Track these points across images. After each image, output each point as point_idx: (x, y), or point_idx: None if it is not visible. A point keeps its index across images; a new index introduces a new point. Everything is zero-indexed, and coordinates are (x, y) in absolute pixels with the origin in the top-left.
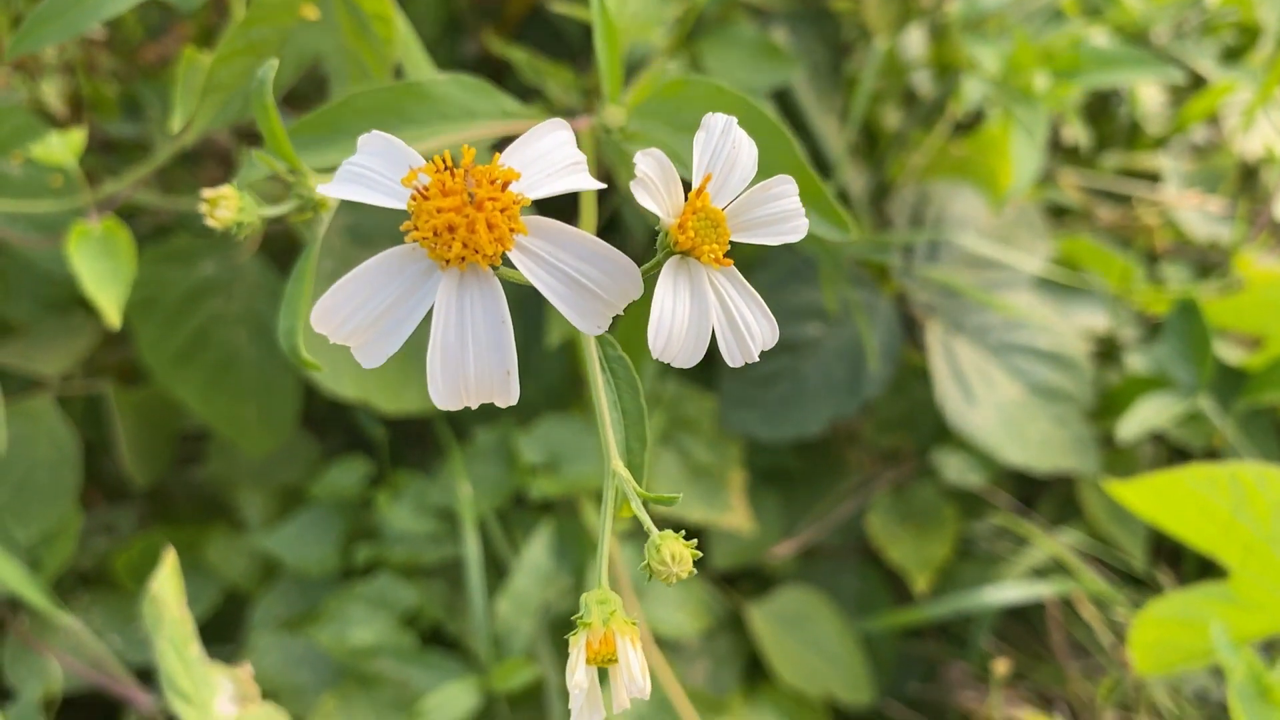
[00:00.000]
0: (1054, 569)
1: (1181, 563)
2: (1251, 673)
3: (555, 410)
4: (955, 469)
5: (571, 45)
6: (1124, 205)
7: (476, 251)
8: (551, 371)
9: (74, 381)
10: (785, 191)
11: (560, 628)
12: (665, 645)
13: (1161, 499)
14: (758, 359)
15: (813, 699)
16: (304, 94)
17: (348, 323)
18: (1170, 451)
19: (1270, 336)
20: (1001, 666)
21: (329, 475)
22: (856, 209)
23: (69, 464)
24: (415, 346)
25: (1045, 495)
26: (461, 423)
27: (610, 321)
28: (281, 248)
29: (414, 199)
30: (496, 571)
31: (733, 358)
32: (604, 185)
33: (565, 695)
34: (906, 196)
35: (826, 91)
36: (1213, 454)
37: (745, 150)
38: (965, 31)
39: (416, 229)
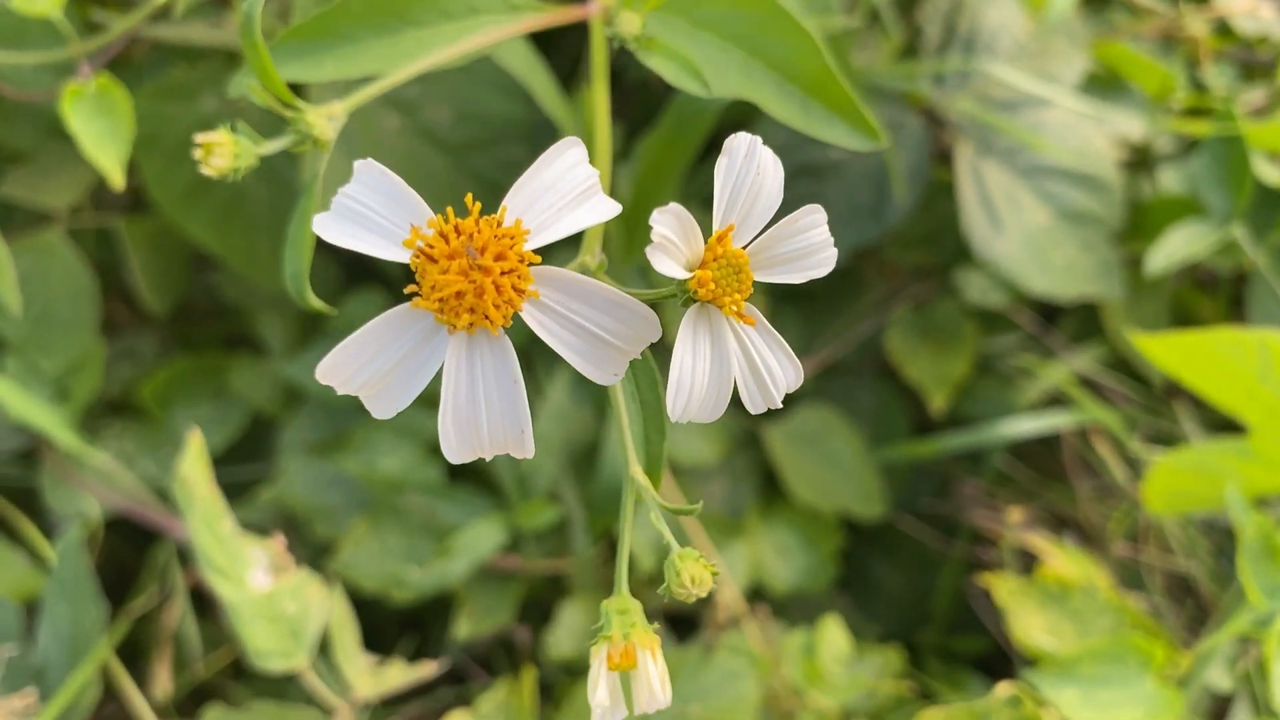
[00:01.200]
0: (1068, 386)
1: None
2: (1261, 533)
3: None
4: (977, 288)
5: None
6: (1169, 6)
7: (486, 317)
8: None
9: (83, 214)
10: (813, 222)
11: (579, 461)
12: (683, 471)
13: (1186, 357)
14: (780, 405)
15: (826, 515)
16: None
17: (354, 379)
18: (1197, 274)
19: None
20: (1016, 515)
21: (346, 308)
22: (884, 19)
23: (85, 295)
24: (428, 179)
25: (1067, 313)
26: None
27: (625, 369)
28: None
29: (418, 257)
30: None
31: (754, 405)
32: (619, 209)
33: (586, 531)
34: (939, 3)
35: None
36: (1241, 279)
37: (770, 175)
38: None
39: (421, 294)
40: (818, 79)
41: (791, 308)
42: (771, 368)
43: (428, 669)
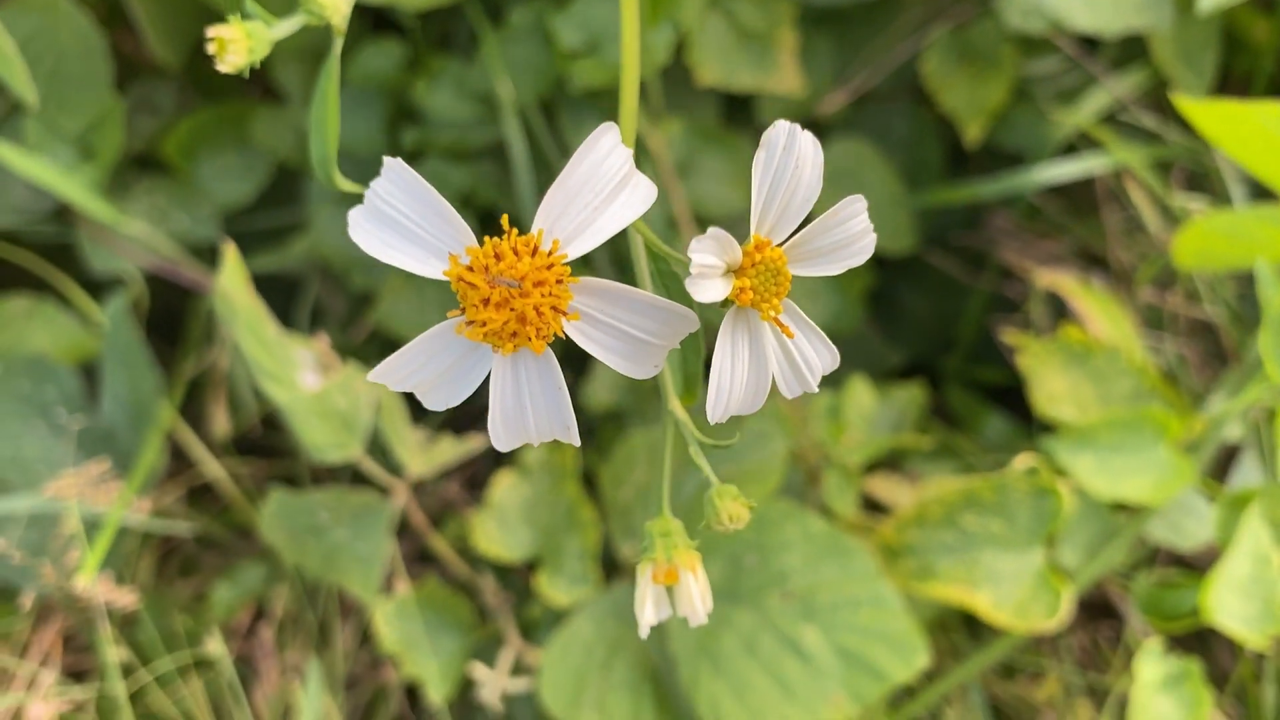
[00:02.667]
0: (1110, 123)
1: None
2: None
3: None
4: (1018, 12)
5: None
6: None
7: (529, 339)
8: None
9: None
10: (853, 212)
11: None
12: (711, 223)
13: (1232, 126)
14: (816, 390)
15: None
16: None
17: (405, 383)
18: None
19: None
20: (1044, 278)
21: (361, 58)
22: None
23: (95, 51)
24: None
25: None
26: (496, 2)
27: (664, 359)
28: None
29: (460, 281)
30: (542, 164)
31: (790, 391)
32: (654, 192)
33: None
34: None
35: None
36: None
37: (809, 167)
38: None
39: (466, 320)
40: None
41: (824, 33)
42: (809, 358)
43: (476, 442)
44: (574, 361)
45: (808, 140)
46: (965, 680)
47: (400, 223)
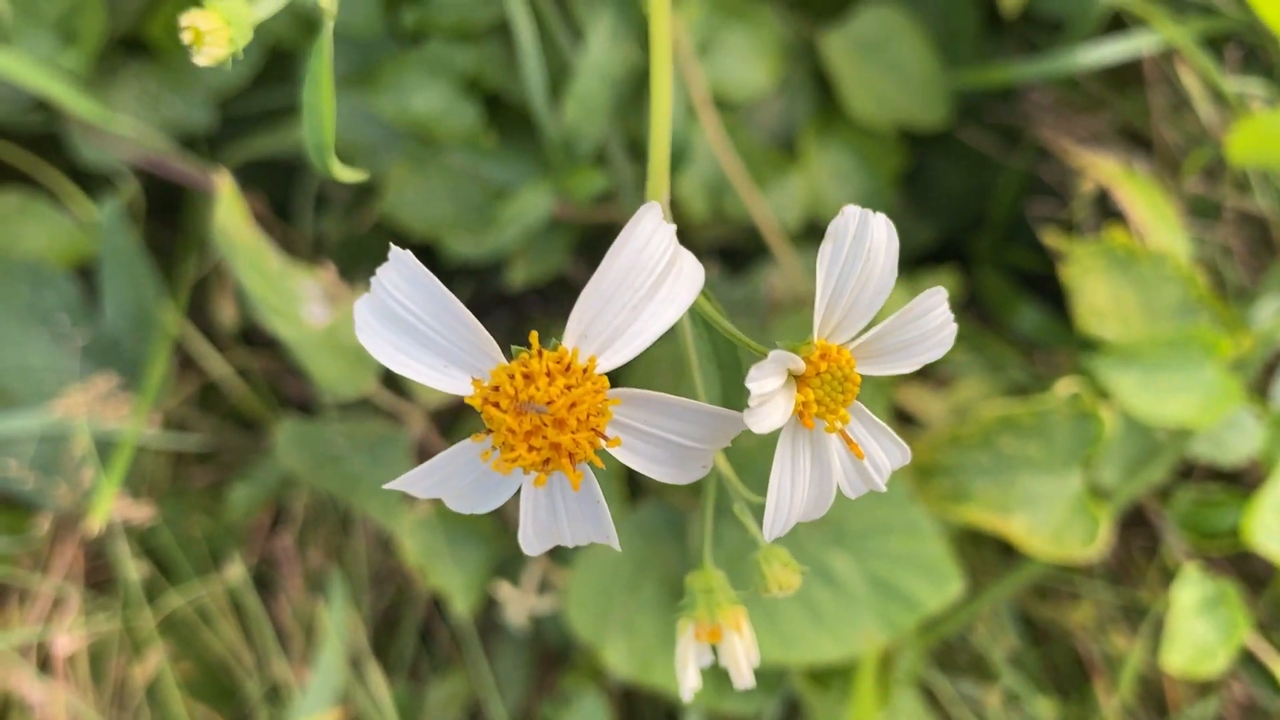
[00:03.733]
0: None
1: None
2: None
3: None
4: None
5: None
6: None
7: (564, 467)
8: None
9: None
10: (933, 305)
11: (625, 105)
12: (732, 106)
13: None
14: (884, 490)
15: (886, 131)
16: None
17: (432, 492)
18: None
19: None
20: (1089, 183)
21: None
22: None
23: None
24: None
25: None
26: None
27: (711, 462)
28: None
29: (485, 402)
30: (550, 45)
31: (855, 491)
32: (702, 277)
33: (637, 193)
34: None
35: None
36: None
37: (883, 255)
38: None
39: (493, 447)
40: None
41: None
42: (877, 460)
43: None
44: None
45: (881, 225)
46: (996, 602)
47: (413, 325)
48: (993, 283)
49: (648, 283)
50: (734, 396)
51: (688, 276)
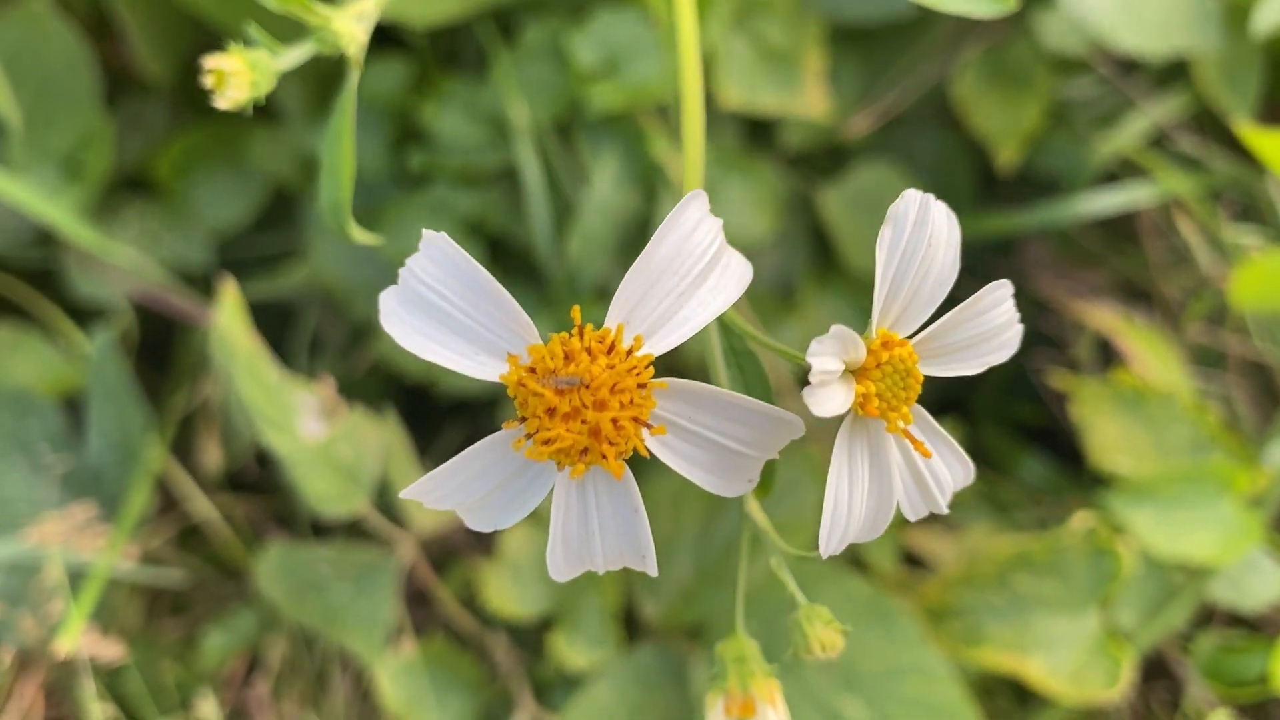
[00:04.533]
0: (1151, 150)
1: None
2: None
3: (610, 1)
4: (1055, 32)
5: None
6: None
7: (604, 459)
8: None
9: None
10: (997, 300)
11: (627, 248)
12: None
13: None
14: (947, 511)
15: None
16: None
17: (445, 501)
18: None
19: None
20: (1099, 314)
21: (366, 77)
22: None
23: (82, 64)
24: None
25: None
26: (508, 20)
27: (759, 473)
28: None
29: (520, 387)
30: (556, 191)
31: (915, 513)
32: (750, 272)
33: None
34: None
35: None
36: None
37: (944, 244)
38: None
39: (526, 434)
40: None
41: (850, 54)
42: (939, 474)
43: None
44: None
45: (941, 212)
46: None
47: (443, 310)
48: (995, 437)
49: (695, 270)
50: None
51: (735, 271)
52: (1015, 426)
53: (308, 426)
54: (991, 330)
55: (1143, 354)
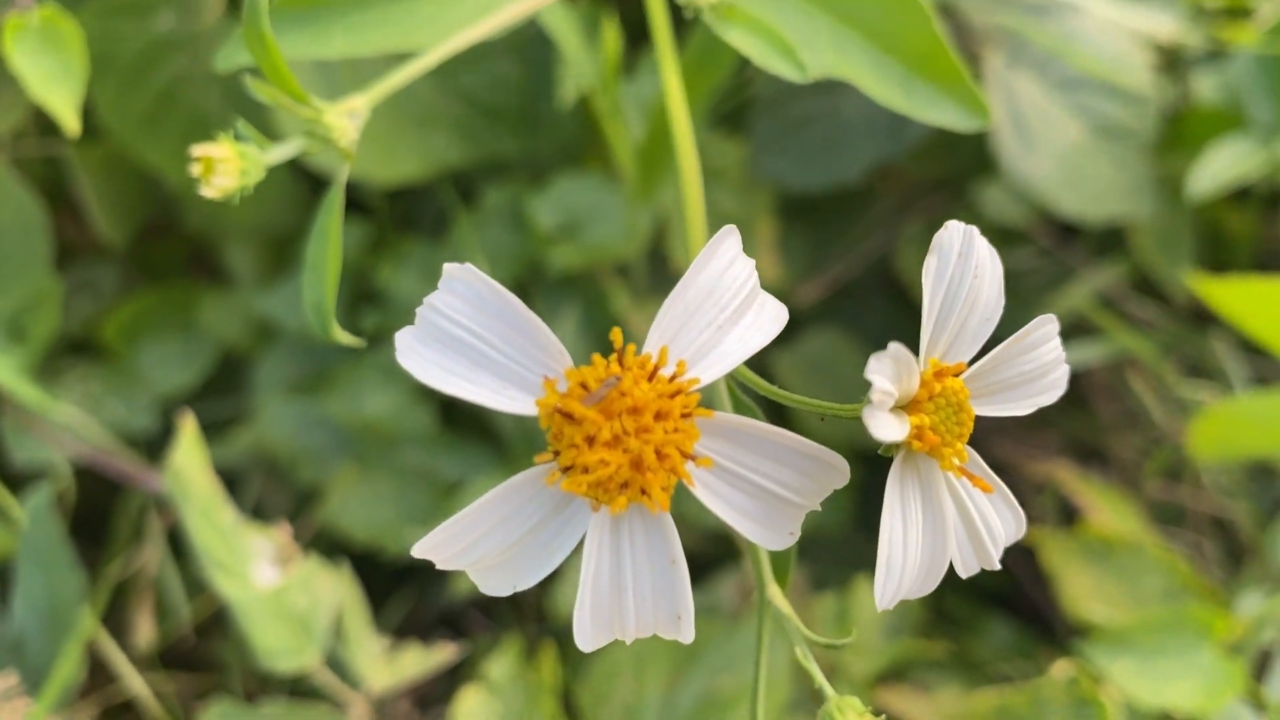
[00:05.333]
0: (1093, 312)
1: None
2: None
3: (570, 165)
4: (996, 202)
5: None
6: None
7: (644, 493)
8: (564, 123)
9: (28, 140)
10: (1045, 336)
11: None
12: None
13: (1258, 303)
14: (998, 566)
15: (836, 446)
16: None
17: (465, 556)
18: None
19: None
20: (1063, 471)
21: None
22: None
23: (36, 228)
24: (412, 104)
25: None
26: (467, 180)
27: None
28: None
29: (556, 414)
30: None
31: (968, 569)
32: (785, 313)
33: None
34: None
35: None
36: (1277, 195)
37: (989, 276)
38: None
39: (560, 468)
40: (923, 50)
41: (800, 224)
42: (991, 523)
43: (446, 653)
44: None
45: (984, 246)
46: None
47: (469, 344)
48: (958, 603)
49: (733, 304)
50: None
51: (772, 311)
52: (978, 592)
53: (261, 573)
54: (1040, 368)
55: (1103, 510)
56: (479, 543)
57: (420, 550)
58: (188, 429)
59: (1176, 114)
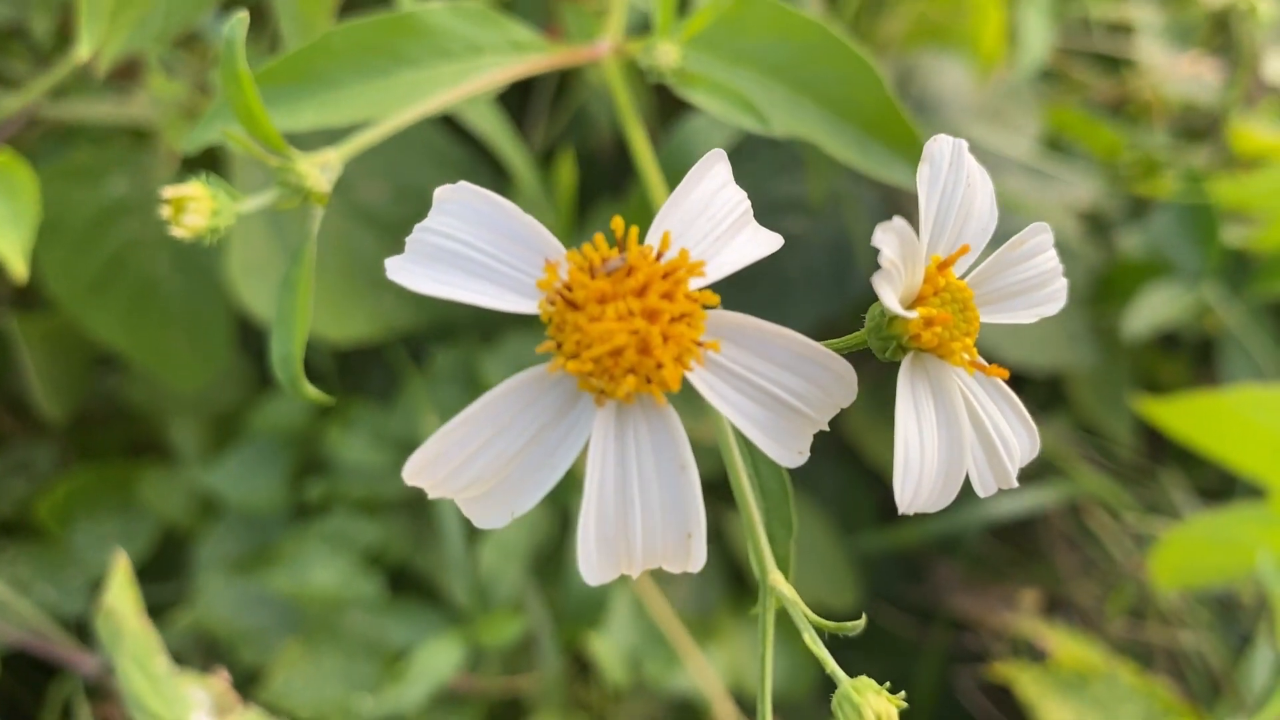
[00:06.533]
0: (1044, 466)
1: (1164, 451)
2: None
3: (521, 324)
4: None
5: None
6: (1112, 71)
7: (649, 380)
8: None
9: None
10: (1040, 245)
11: (545, 569)
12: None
13: (1201, 420)
14: (1017, 484)
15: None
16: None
17: (459, 476)
18: (1159, 338)
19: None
20: (1028, 598)
21: (269, 407)
22: None
23: None
24: (364, 264)
25: (1031, 383)
26: (417, 342)
27: (809, 445)
28: (207, 161)
29: (553, 303)
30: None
31: (984, 486)
32: (780, 239)
33: (554, 645)
34: (888, 70)
35: None
36: (1206, 342)
37: (980, 188)
38: None
39: (564, 353)
40: (877, 113)
41: None
42: (1005, 434)
43: None
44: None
45: (973, 162)
46: None
47: (464, 255)
48: None
49: (728, 220)
50: (778, 528)
51: (767, 235)
52: None
53: None
54: (1039, 277)
55: (1069, 651)
56: (476, 457)
57: (410, 472)
58: (120, 569)
59: (1105, 271)
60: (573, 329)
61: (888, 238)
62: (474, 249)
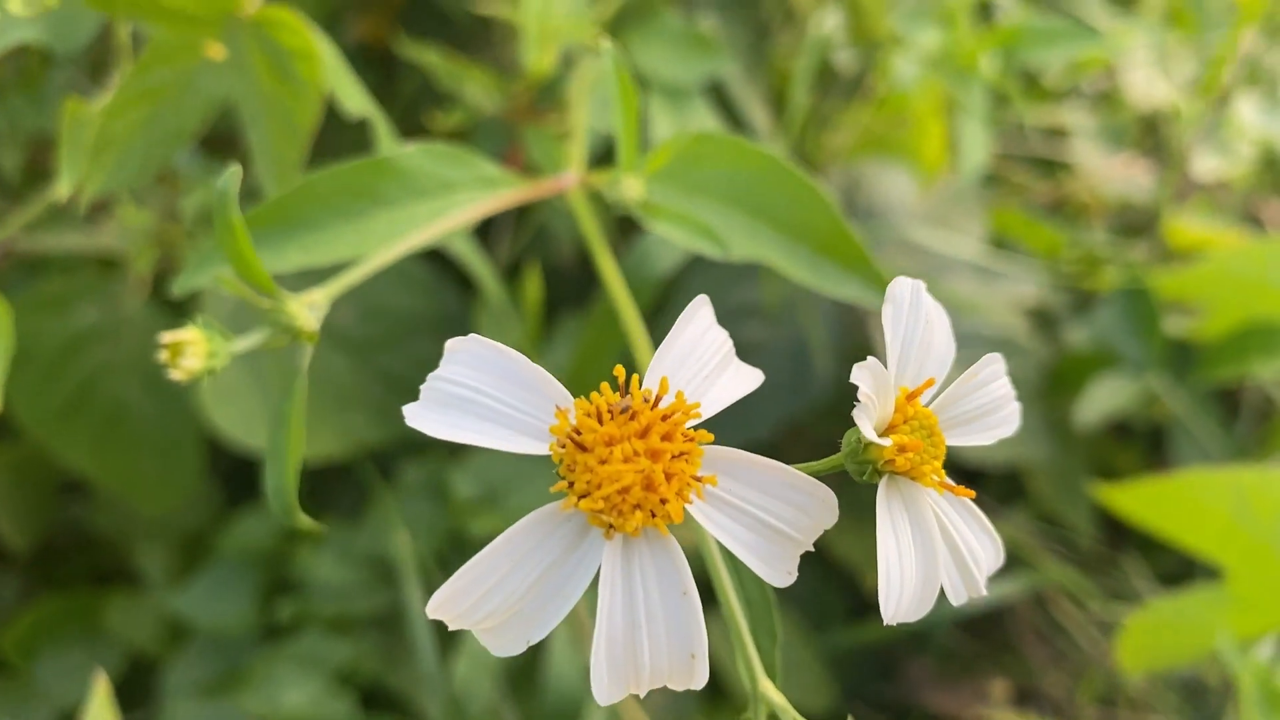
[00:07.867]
0: (1008, 558)
1: (1125, 539)
2: (1259, 679)
3: None
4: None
5: (462, 33)
6: (1050, 173)
7: (654, 515)
8: None
9: None
10: (993, 374)
11: (520, 680)
12: None
13: (1156, 504)
14: (985, 593)
15: None
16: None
17: (479, 609)
18: (1112, 427)
19: (1219, 307)
20: (999, 689)
21: (237, 528)
22: None
23: None
24: (332, 383)
25: (990, 477)
26: (386, 458)
27: (797, 566)
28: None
29: (564, 446)
30: (438, 626)
31: (957, 595)
32: (761, 376)
33: None
34: (835, 181)
35: (751, 75)
36: (1157, 430)
37: (939, 327)
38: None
39: (575, 491)
40: (828, 236)
41: None
42: (973, 547)
43: None
44: None
45: (931, 301)
46: None
47: (476, 402)
48: None
49: (714, 359)
50: (763, 638)
51: (749, 372)
52: None
53: None
54: (994, 402)
55: None
56: (494, 591)
57: (434, 607)
58: (100, 689)
59: (1055, 364)
60: (583, 469)
61: (863, 374)
62: (484, 395)
